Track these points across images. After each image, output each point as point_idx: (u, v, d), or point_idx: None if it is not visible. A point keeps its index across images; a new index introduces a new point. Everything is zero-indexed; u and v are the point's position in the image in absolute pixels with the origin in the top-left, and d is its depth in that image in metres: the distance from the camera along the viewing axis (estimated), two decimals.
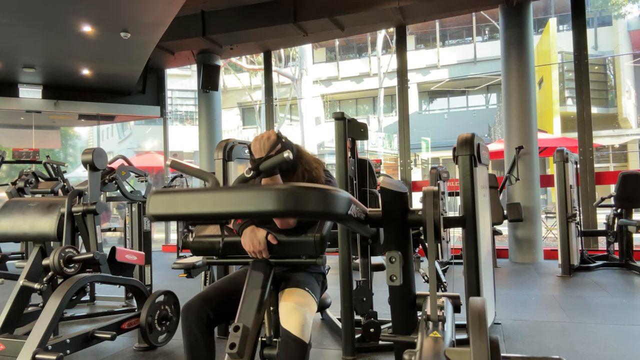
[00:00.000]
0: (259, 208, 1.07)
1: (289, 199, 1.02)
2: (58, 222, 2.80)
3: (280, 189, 1.02)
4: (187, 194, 1.12)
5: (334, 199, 1.11)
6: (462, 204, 2.73)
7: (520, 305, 3.93)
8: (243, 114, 24.11)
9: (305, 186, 1.05)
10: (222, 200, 1.08)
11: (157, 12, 5.53)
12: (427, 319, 1.36)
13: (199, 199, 1.11)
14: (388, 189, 1.51)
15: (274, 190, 1.03)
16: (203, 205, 1.10)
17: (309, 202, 1.04)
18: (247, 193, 1.07)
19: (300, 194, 1.03)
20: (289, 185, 1.04)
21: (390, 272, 1.46)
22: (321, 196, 1.07)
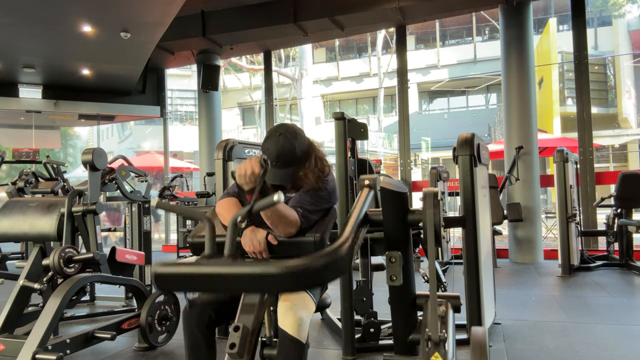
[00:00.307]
0: (265, 288, 1.17)
1: (293, 279, 1.05)
2: (58, 222, 2.79)
3: (284, 271, 1.05)
4: (192, 270, 1.16)
5: (337, 263, 1.13)
6: (462, 204, 2.73)
7: (520, 305, 3.93)
8: (243, 114, 24.11)
9: (305, 265, 1.07)
10: (225, 279, 1.12)
11: (157, 12, 5.53)
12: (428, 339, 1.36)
13: (205, 277, 1.15)
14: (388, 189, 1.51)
15: (278, 272, 1.05)
16: (208, 284, 1.16)
17: (313, 278, 1.08)
18: (252, 272, 1.11)
19: (304, 273, 1.06)
20: (292, 265, 1.06)
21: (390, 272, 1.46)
22: (324, 269, 1.10)
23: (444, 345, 1.34)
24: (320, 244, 1.77)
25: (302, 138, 1.90)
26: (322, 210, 1.89)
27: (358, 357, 2.74)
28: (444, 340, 1.34)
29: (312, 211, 1.82)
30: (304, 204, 1.81)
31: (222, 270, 1.10)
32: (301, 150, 1.87)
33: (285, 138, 1.84)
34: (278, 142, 1.83)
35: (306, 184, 1.87)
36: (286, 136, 1.85)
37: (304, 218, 1.77)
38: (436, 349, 1.33)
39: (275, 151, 1.82)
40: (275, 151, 1.82)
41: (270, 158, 1.82)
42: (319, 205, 1.86)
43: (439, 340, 1.33)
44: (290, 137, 1.85)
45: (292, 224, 1.73)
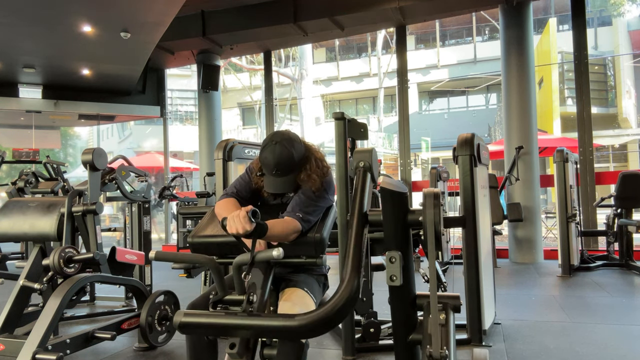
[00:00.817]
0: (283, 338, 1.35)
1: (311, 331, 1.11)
2: (58, 222, 2.79)
3: (302, 323, 1.11)
4: (214, 321, 1.32)
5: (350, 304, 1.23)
6: (462, 204, 2.73)
7: (520, 305, 3.93)
8: (243, 114, 24.11)
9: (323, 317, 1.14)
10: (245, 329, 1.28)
11: (157, 12, 5.53)
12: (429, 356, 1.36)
13: (224, 326, 1.32)
14: (388, 189, 1.51)
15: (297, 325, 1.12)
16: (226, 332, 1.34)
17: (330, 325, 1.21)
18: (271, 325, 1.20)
19: (320, 324, 1.12)
20: (308, 317, 1.11)
21: (390, 272, 1.46)
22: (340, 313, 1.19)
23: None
24: (320, 244, 1.77)
25: (298, 143, 1.91)
26: (321, 210, 1.89)
27: (358, 357, 2.73)
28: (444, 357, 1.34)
29: (312, 212, 1.82)
30: (303, 207, 1.81)
31: (243, 323, 1.18)
32: (299, 156, 1.88)
33: (282, 146, 1.84)
34: (275, 151, 1.83)
35: (312, 185, 1.87)
36: (283, 144, 1.85)
37: (304, 222, 1.78)
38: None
39: (273, 160, 1.83)
40: (274, 160, 1.83)
41: (269, 168, 1.84)
42: (318, 207, 1.86)
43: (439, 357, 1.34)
44: (287, 145, 1.85)
45: (294, 233, 1.75)
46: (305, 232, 1.79)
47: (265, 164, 1.86)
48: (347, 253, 1.38)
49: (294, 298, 1.70)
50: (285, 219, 1.76)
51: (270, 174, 1.86)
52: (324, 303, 1.11)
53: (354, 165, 1.64)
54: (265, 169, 1.87)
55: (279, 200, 2.01)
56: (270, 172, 1.86)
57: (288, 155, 1.84)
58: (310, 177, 1.88)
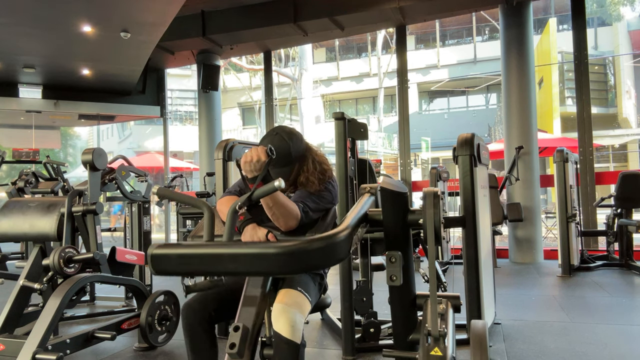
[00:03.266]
0: (263, 269, 1.11)
1: (293, 259, 1.02)
2: (58, 222, 2.79)
3: (284, 251, 1.02)
4: (190, 251, 1.12)
5: (337, 247, 1.11)
6: (462, 204, 2.73)
7: (520, 305, 3.93)
8: (243, 114, 24.10)
9: (305, 245, 1.05)
10: (224, 259, 1.08)
11: (157, 12, 5.53)
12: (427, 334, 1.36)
13: (202, 258, 1.11)
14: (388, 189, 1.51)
15: (278, 253, 1.03)
16: (205, 265, 1.11)
17: (312, 259, 1.05)
18: (251, 252, 1.07)
19: (303, 254, 1.04)
20: (291, 244, 1.04)
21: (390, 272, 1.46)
22: (324, 252, 1.08)
23: (444, 341, 1.34)
24: None
25: (299, 140, 1.91)
26: (322, 210, 1.89)
27: (358, 357, 2.73)
28: (443, 335, 1.34)
29: (313, 209, 1.82)
30: (306, 200, 1.82)
31: (219, 251, 1.09)
32: (296, 152, 1.88)
33: (280, 138, 1.86)
34: (273, 141, 1.84)
35: (310, 188, 1.88)
36: (282, 136, 1.87)
37: (304, 213, 1.78)
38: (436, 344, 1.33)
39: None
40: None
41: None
42: (320, 204, 1.86)
43: (438, 336, 1.34)
44: (286, 137, 1.87)
45: (293, 216, 1.74)
46: (305, 231, 1.79)
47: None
48: (352, 210, 1.37)
49: (287, 299, 1.70)
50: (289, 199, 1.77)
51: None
52: (310, 237, 1.08)
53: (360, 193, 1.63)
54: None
55: None
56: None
57: (285, 147, 1.85)
58: (309, 179, 1.88)
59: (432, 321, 1.37)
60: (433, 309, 1.40)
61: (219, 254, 1.08)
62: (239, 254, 1.06)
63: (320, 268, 1.25)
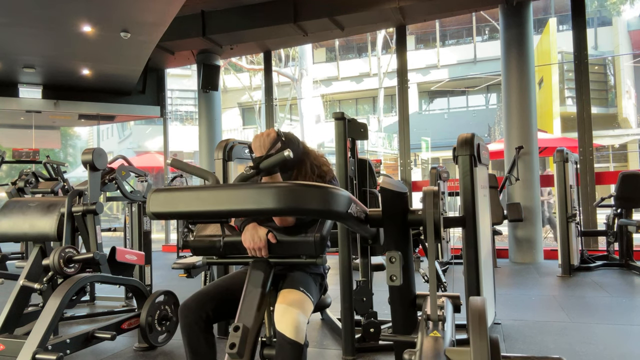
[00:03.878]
0: (259, 206, 1.07)
1: (289, 196, 1.02)
2: (58, 222, 2.79)
3: (280, 186, 1.02)
4: (187, 192, 1.12)
5: (334, 197, 1.11)
6: (462, 204, 2.73)
7: (520, 305, 3.93)
8: (243, 114, 24.10)
9: (305, 184, 1.05)
10: (222, 198, 1.08)
11: (157, 12, 5.53)
12: (427, 319, 1.36)
13: (199, 196, 1.11)
14: (388, 189, 1.51)
15: (274, 188, 1.03)
16: (203, 203, 1.11)
17: (308, 199, 1.05)
18: (247, 191, 1.07)
19: (300, 192, 1.03)
20: (289, 183, 1.04)
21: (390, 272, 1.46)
22: (321, 194, 1.08)
23: (443, 325, 1.34)
24: (320, 244, 1.77)
25: (295, 145, 1.91)
26: None
27: (358, 357, 2.74)
28: (442, 319, 1.35)
29: None
30: None
31: (215, 191, 1.09)
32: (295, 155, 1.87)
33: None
34: None
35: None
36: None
37: None
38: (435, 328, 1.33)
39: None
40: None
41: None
42: None
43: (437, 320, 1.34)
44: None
45: None
46: (305, 231, 1.79)
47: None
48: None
49: (289, 300, 1.69)
50: None
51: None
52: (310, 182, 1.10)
53: None
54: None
55: None
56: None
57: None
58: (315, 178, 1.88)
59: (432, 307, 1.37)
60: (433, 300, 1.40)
61: (215, 194, 1.08)
62: (235, 194, 1.07)
63: (318, 215, 1.23)
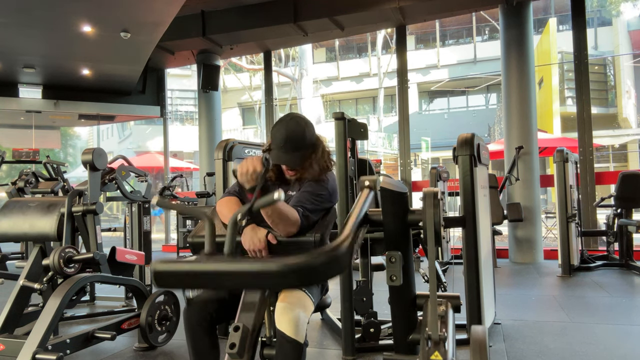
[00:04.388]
0: (264, 285, 1.19)
1: (292, 276, 1.04)
2: (58, 222, 2.79)
3: (284, 269, 1.04)
4: (190, 268, 1.15)
5: (337, 260, 1.12)
6: (462, 204, 2.73)
7: (520, 305, 3.93)
8: (243, 114, 24.11)
9: (305, 263, 1.07)
10: (224, 276, 1.11)
11: (157, 12, 5.53)
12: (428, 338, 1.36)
13: (202, 274, 1.14)
14: (388, 189, 1.51)
15: (277, 269, 1.05)
16: (204, 281, 1.14)
17: (312, 275, 1.07)
18: (250, 270, 1.10)
19: (304, 270, 1.05)
20: (291, 263, 1.05)
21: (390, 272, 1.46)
22: (324, 266, 1.09)
23: (444, 345, 1.34)
24: (320, 244, 1.77)
25: (312, 128, 1.94)
26: (322, 210, 1.89)
27: (358, 357, 2.73)
28: (444, 339, 1.34)
29: (313, 210, 1.82)
30: (305, 204, 1.81)
31: (221, 268, 1.10)
32: (310, 138, 1.90)
33: (296, 122, 1.88)
34: (288, 126, 1.86)
35: (309, 174, 1.89)
36: (297, 121, 1.89)
37: (304, 217, 1.77)
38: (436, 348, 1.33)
39: (285, 133, 1.84)
40: (285, 133, 1.84)
41: (279, 140, 1.84)
42: (320, 205, 1.86)
43: (439, 340, 1.34)
44: (302, 123, 1.89)
45: (293, 223, 1.73)
46: (305, 230, 1.79)
47: (276, 137, 1.85)
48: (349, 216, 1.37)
49: (291, 298, 1.70)
50: (289, 206, 1.77)
51: (279, 147, 1.85)
52: (311, 252, 1.10)
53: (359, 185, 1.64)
54: (275, 142, 1.86)
55: None
56: (279, 146, 1.85)
57: (300, 132, 1.86)
58: (312, 165, 1.90)
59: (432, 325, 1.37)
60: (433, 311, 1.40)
61: (221, 271, 1.10)
62: (241, 272, 1.08)
63: (322, 282, 1.26)
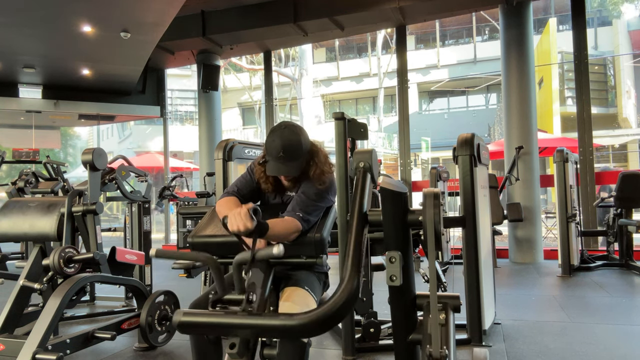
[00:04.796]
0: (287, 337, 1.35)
1: (314, 328, 1.10)
2: (58, 222, 2.79)
3: (304, 322, 1.10)
4: (212, 320, 1.30)
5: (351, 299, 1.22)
6: (462, 204, 2.73)
7: (520, 305, 3.93)
8: (243, 114, 24.10)
9: (326, 314, 1.12)
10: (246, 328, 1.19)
11: (157, 12, 5.53)
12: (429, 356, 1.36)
13: (224, 325, 1.30)
14: (388, 189, 1.51)
15: (298, 324, 1.11)
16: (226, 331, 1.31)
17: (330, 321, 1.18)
18: (272, 325, 1.17)
19: (323, 322, 1.11)
20: (310, 316, 1.11)
21: (390, 272, 1.46)
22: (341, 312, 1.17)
23: None
24: (320, 244, 1.77)
25: (306, 135, 1.93)
26: (321, 210, 1.89)
27: (358, 357, 2.73)
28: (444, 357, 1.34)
29: (312, 212, 1.82)
30: (303, 206, 1.81)
31: (243, 322, 1.16)
32: (305, 146, 1.90)
33: (290, 131, 1.87)
34: (283, 135, 1.85)
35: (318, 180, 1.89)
36: (291, 130, 1.88)
37: (304, 222, 1.78)
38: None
39: (280, 143, 1.83)
40: (281, 143, 1.83)
41: (275, 151, 1.83)
42: (318, 205, 1.86)
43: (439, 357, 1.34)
44: (296, 131, 1.88)
45: (294, 232, 1.76)
46: (306, 231, 1.79)
47: (271, 148, 1.84)
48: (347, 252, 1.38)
49: (294, 297, 1.70)
50: (285, 219, 1.76)
51: (275, 158, 1.84)
52: (324, 302, 1.11)
53: (354, 166, 1.64)
54: (270, 153, 1.85)
55: (279, 199, 2.02)
56: (275, 156, 1.83)
57: (296, 140, 1.85)
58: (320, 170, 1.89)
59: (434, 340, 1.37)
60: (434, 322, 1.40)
61: (243, 324, 1.18)
62: (262, 325, 1.15)
63: (340, 321, 1.32)
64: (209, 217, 1.97)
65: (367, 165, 1.60)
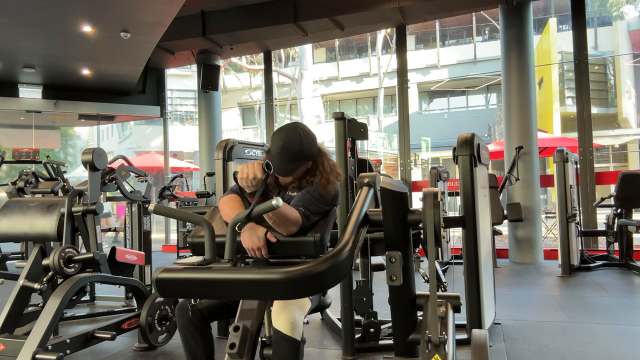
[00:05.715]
0: (267, 295, 1.22)
1: (295, 285, 1.05)
2: (58, 222, 2.79)
3: (286, 277, 1.05)
4: (192, 276, 1.15)
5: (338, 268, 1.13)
6: (462, 204, 2.73)
7: (520, 305, 3.93)
8: (243, 114, 24.11)
9: (307, 271, 1.07)
10: (226, 285, 1.11)
11: (157, 12, 5.53)
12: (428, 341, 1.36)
13: (204, 282, 1.14)
14: (388, 189, 1.51)
15: (280, 278, 1.06)
16: (206, 289, 1.16)
17: (314, 284, 1.08)
18: (253, 278, 1.10)
19: (306, 279, 1.06)
20: (293, 271, 1.06)
21: (390, 272, 1.46)
22: (326, 274, 1.10)
23: (444, 347, 1.34)
24: (320, 244, 1.77)
25: (311, 140, 1.91)
26: (323, 212, 1.89)
27: (358, 357, 2.74)
28: (444, 342, 1.34)
29: (314, 211, 1.82)
30: (307, 204, 1.81)
31: (223, 277, 1.10)
32: (308, 150, 1.88)
33: (294, 133, 1.87)
34: (286, 135, 1.86)
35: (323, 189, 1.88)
36: (296, 132, 1.87)
37: (305, 217, 1.77)
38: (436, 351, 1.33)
39: (281, 142, 1.84)
40: (281, 142, 1.84)
41: (275, 148, 1.84)
42: (321, 206, 1.86)
43: (439, 342, 1.34)
44: (301, 134, 1.87)
45: (294, 223, 1.74)
46: (305, 231, 1.79)
47: (273, 143, 1.86)
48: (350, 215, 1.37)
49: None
50: (289, 206, 1.77)
51: (274, 155, 1.85)
52: (312, 261, 1.10)
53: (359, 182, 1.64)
54: (272, 149, 1.87)
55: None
56: (274, 153, 1.85)
57: (297, 143, 1.85)
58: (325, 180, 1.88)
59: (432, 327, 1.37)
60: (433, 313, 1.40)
61: (223, 279, 1.11)
62: (243, 280, 1.09)
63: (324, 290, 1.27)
64: (209, 217, 1.97)
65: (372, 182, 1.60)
